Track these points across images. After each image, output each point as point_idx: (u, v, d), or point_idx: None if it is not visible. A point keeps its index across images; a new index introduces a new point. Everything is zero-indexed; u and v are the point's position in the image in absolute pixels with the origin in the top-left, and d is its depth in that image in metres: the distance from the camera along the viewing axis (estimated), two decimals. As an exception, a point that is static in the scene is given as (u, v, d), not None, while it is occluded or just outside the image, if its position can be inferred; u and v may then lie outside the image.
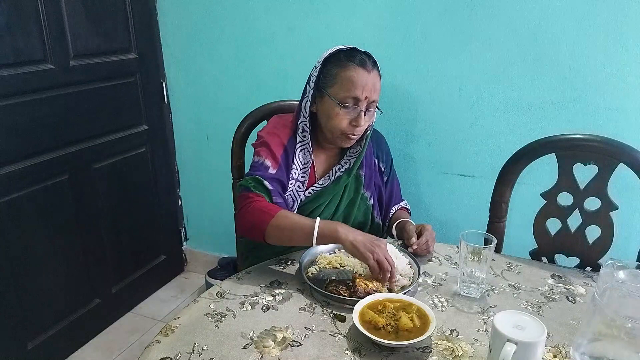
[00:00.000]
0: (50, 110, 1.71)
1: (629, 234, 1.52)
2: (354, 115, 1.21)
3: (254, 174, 1.22)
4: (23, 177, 1.65)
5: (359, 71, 1.19)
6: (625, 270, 0.83)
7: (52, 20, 1.66)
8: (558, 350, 0.88)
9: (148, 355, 0.85)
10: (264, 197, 1.19)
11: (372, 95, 1.21)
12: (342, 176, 1.31)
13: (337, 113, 1.21)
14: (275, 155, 1.25)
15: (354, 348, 0.87)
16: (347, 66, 1.20)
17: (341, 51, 1.23)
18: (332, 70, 1.22)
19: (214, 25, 2.00)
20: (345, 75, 1.19)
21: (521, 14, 1.53)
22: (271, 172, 1.23)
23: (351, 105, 1.20)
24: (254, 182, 1.21)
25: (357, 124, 1.21)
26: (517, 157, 1.30)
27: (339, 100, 1.20)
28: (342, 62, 1.21)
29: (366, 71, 1.19)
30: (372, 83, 1.20)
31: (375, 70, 1.22)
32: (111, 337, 2.04)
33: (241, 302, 1.01)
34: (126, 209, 2.10)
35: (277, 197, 1.21)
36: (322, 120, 1.27)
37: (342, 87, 1.20)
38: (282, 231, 1.13)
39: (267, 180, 1.21)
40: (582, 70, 1.51)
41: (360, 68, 1.19)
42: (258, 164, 1.25)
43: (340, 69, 1.20)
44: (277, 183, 1.24)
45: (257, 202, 1.17)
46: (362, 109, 1.21)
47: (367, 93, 1.20)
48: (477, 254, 1.01)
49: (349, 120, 1.22)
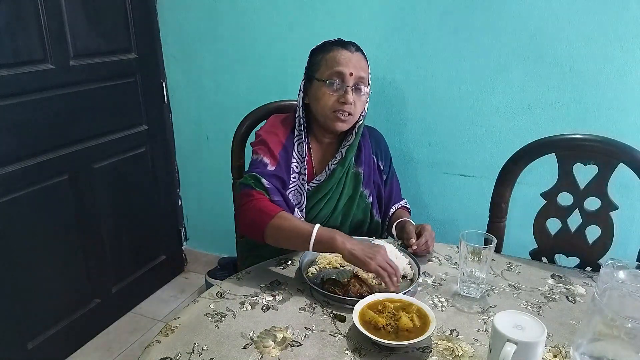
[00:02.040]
0: (50, 110, 1.71)
1: (629, 234, 1.52)
2: (341, 92, 1.23)
3: (253, 172, 1.23)
4: (23, 177, 1.65)
5: (342, 51, 1.24)
6: (625, 270, 0.83)
7: (52, 20, 1.66)
8: (558, 350, 0.88)
9: (148, 355, 0.85)
10: (265, 195, 1.19)
11: (357, 72, 1.23)
12: (336, 168, 1.32)
13: (324, 92, 1.24)
14: (273, 153, 1.25)
15: (354, 348, 0.87)
16: (330, 49, 1.25)
17: (327, 42, 1.28)
18: (318, 57, 1.27)
19: (214, 25, 2.00)
20: (329, 57, 1.25)
21: (521, 14, 1.53)
22: (269, 169, 1.24)
23: (337, 82, 1.23)
24: (254, 180, 1.21)
25: (345, 100, 1.22)
26: (517, 157, 1.30)
27: (324, 79, 1.23)
28: (326, 48, 1.27)
29: (349, 51, 1.24)
30: (357, 60, 1.24)
31: (359, 53, 1.26)
32: (111, 337, 2.04)
33: (241, 302, 1.01)
34: (126, 209, 2.10)
35: (275, 195, 1.22)
36: (313, 107, 1.29)
37: (327, 67, 1.24)
38: (281, 233, 1.13)
39: (265, 178, 1.21)
40: (582, 70, 1.51)
41: (342, 49, 1.24)
42: (257, 162, 1.26)
43: (324, 54, 1.26)
44: (276, 180, 1.24)
45: (258, 201, 1.17)
46: (349, 85, 1.22)
47: (352, 69, 1.22)
48: (477, 254, 1.01)
49: (337, 98, 1.23)
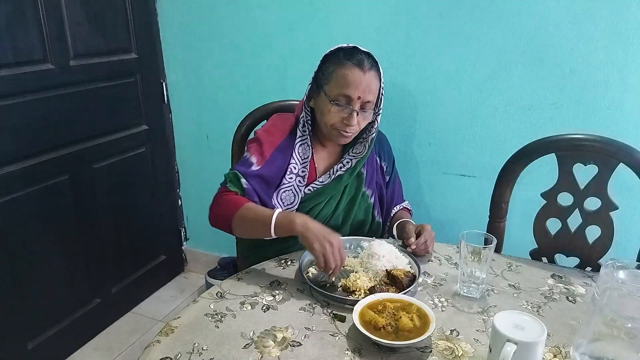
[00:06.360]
0: (50, 110, 1.71)
1: (629, 234, 1.53)
2: (346, 113, 1.22)
3: (237, 169, 1.24)
4: (23, 177, 1.65)
5: (354, 71, 1.19)
6: (625, 270, 0.83)
7: (52, 20, 1.66)
8: (558, 350, 0.88)
9: (148, 355, 0.85)
10: (236, 193, 1.21)
11: (365, 96, 1.20)
12: (343, 175, 1.32)
13: (329, 109, 1.23)
14: (263, 152, 1.26)
15: (354, 348, 0.87)
16: (343, 65, 1.20)
17: (341, 49, 1.24)
18: (330, 68, 1.23)
19: (214, 25, 2.00)
20: (340, 74, 1.20)
21: (521, 14, 1.53)
22: (254, 168, 1.24)
23: (343, 104, 1.21)
24: (233, 178, 1.23)
25: (348, 122, 1.22)
26: (517, 157, 1.30)
27: (332, 98, 1.21)
28: (340, 60, 1.21)
29: (362, 71, 1.19)
30: (367, 84, 1.20)
31: (373, 71, 1.21)
32: (111, 337, 2.04)
33: (241, 302, 1.01)
34: (126, 209, 2.10)
35: (252, 196, 1.22)
36: (318, 116, 1.29)
37: (336, 85, 1.21)
38: (245, 222, 1.15)
39: (246, 178, 1.22)
40: (582, 70, 1.51)
41: (356, 68, 1.19)
42: (244, 159, 1.27)
43: (337, 67, 1.21)
44: (258, 180, 1.24)
45: (228, 195, 1.20)
46: (355, 108, 1.21)
47: (360, 93, 1.20)
48: (477, 254, 1.01)
49: (341, 118, 1.23)
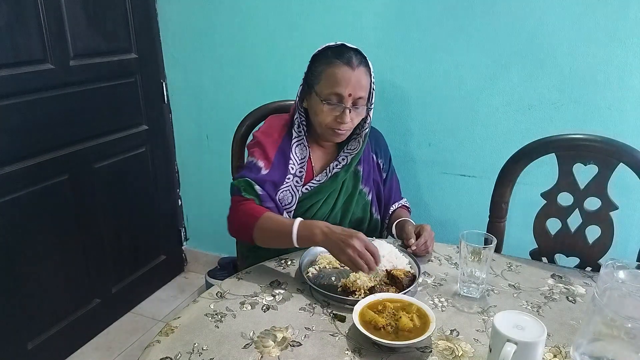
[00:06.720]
0: (50, 110, 1.71)
1: (629, 234, 1.53)
2: (338, 111, 1.22)
3: (247, 176, 1.24)
4: (23, 177, 1.65)
5: (343, 68, 1.20)
6: (625, 270, 0.83)
7: (52, 20, 1.66)
8: (558, 350, 0.88)
9: (148, 355, 0.85)
10: (253, 200, 1.20)
11: (356, 93, 1.21)
12: (339, 173, 1.32)
13: (321, 109, 1.23)
14: (268, 156, 1.26)
15: (354, 348, 0.87)
16: (332, 63, 1.21)
17: (329, 48, 1.24)
18: (319, 68, 1.24)
19: (214, 25, 2.00)
20: (330, 73, 1.21)
21: (521, 14, 1.53)
22: (263, 173, 1.24)
23: (335, 102, 1.22)
24: (245, 185, 1.22)
25: (341, 120, 1.22)
26: (517, 157, 1.30)
27: (323, 97, 1.22)
28: (328, 59, 1.22)
29: (351, 68, 1.20)
30: (357, 80, 1.20)
31: (362, 67, 1.22)
32: (111, 337, 2.04)
33: (241, 302, 1.01)
34: (126, 209, 2.10)
35: (267, 202, 1.22)
36: (311, 117, 1.29)
37: (326, 84, 1.21)
38: (267, 233, 1.15)
39: (258, 184, 1.22)
40: (582, 70, 1.51)
41: (344, 66, 1.20)
42: (251, 165, 1.26)
43: (326, 66, 1.22)
44: (270, 185, 1.24)
45: (245, 204, 1.19)
46: (347, 105, 1.21)
47: (351, 90, 1.20)
48: (477, 254, 1.01)
49: (334, 117, 1.23)
